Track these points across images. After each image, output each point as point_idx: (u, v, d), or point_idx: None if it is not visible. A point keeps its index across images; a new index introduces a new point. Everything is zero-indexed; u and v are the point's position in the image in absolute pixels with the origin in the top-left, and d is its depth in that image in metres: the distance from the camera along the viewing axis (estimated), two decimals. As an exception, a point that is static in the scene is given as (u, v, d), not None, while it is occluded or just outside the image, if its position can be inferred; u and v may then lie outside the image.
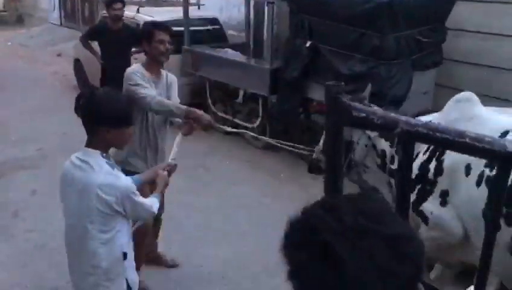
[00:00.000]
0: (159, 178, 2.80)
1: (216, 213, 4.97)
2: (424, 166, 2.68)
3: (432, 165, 2.65)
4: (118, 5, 6.19)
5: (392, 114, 1.24)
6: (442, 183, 2.61)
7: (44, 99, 8.31)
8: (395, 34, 5.09)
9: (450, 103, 2.80)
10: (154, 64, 3.57)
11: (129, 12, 7.78)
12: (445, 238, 2.64)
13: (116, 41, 6.19)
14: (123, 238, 2.51)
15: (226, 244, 4.45)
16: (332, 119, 1.30)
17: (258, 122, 6.69)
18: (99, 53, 6.56)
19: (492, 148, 1.06)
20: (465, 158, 2.39)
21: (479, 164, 2.46)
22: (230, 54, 7.20)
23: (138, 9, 7.96)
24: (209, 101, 7.46)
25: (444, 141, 1.12)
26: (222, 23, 8.63)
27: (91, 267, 2.46)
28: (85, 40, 6.76)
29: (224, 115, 7.29)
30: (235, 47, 7.55)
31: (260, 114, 6.63)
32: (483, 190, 2.33)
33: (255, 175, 5.99)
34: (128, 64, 6.33)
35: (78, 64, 8.91)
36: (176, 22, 7.60)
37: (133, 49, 6.39)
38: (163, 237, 4.22)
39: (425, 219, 2.69)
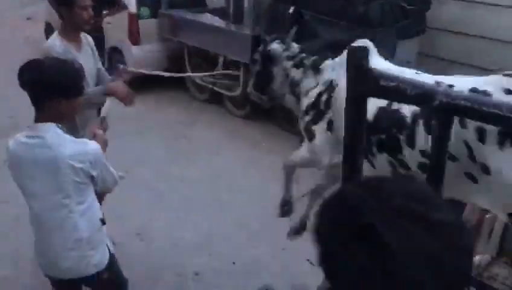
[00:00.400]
0: (97, 138, 2.56)
1: (198, 184, 4.89)
2: (319, 96, 3.04)
3: (324, 97, 3.00)
4: None
5: (428, 84, 1.13)
6: (330, 115, 2.98)
7: (11, 63, 7.94)
8: (380, 1, 4.99)
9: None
10: (75, 33, 3.20)
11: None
12: (315, 159, 3.10)
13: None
14: (96, 204, 2.46)
15: (208, 215, 4.40)
16: (356, 89, 1.16)
17: (238, 91, 6.55)
18: None
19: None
20: None
21: None
22: (209, 18, 6.97)
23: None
24: (188, 68, 7.27)
25: (491, 115, 1.02)
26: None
27: (73, 241, 2.37)
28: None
29: (202, 83, 7.12)
30: (214, 12, 7.31)
31: (241, 82, 6.49)
32: None
33: (236, 145, 5.90)
34: (99, 26, 6.25)
35: (49, 28, 8.54)
36: (153, -15, 7.36)
37: (104, 12, 6.18)
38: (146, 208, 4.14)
39: (311, 136, 3.10)
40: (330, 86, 2.98)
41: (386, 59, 2.96)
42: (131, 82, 7.35)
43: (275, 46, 3.54)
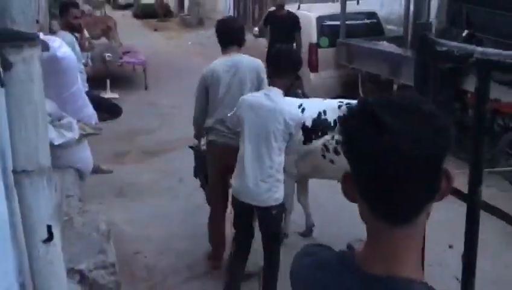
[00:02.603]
0: None
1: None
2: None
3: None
4: None
5: (468, 46, 1.35)
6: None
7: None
8: None
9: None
10: None
11: (291, 9, 8.34)
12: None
13: (281, 26, 7.10)
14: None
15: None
16: (421, 53, 1.47)
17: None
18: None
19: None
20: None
21: None
22: (385, 46, 7.25)
23: (299, 5, 8.45)
24: (361, 93, 7.59)
25: None
26: (382, 18, 8.67)
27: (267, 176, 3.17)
28: (263, 26, 8.03)
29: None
30: (391, 40, 7.56)
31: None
32: None
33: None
34: (291, 45, 7.12)
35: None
36: (334, 17, 7.96)
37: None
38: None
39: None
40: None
41: None
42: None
43: None
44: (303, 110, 3.94)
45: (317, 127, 3.91)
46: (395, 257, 0.94)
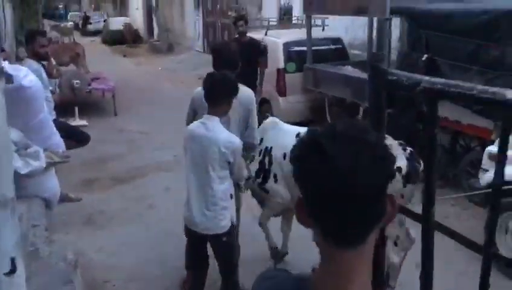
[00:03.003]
0: None
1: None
2: (262, 161, 3.97)
3: (266, 160, 3.95)
4: (240, 22, 7.32)
5: (417, 76, 1.45)
6: (273, 169, 3.93)
7: (183, 113, 9.38)
8: (517, 44, 4.92)
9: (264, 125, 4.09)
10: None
11: (259, 35, 8.52)
12: (281, 201, 3.98)
13: (244, 52, 7.08)
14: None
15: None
16: (373, 82, 1.57)
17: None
18: None
19: (494, 97, 1.24)
20: (281, 150, 3.82)
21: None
22: (349, 70, 7.46)
23: (266, 32, 8.63)
24: (328, 117, 7.76)
25: (458, 94, 1.32)
26: (347, 43, 8.94)
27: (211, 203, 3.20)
28: None
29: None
30: (355, 64, 7.79)
31: (376, 128, 6.72)
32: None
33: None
34: (255, 72, 7.25)
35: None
36: (300, 42, 8.17)
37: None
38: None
39: (267, 192, 4.02)
40: (266, 151, 3.96)
41: None
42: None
43: None
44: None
45: None
46: (346, 277, 1.00)
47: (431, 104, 1.39)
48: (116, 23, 25.74)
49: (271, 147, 3.95)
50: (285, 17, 12.29)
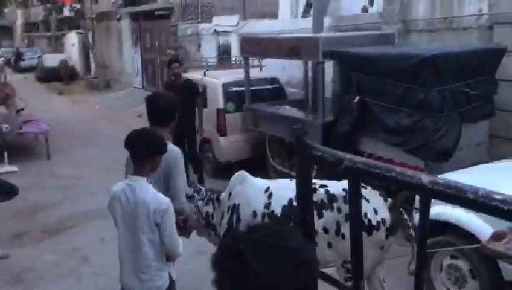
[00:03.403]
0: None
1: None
2: (230, 219, 3.71)
3: (234, 218, 3.68)
4: (175, 65, 7.41)
5: (340, 153, 1.48)
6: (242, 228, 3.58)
7: (121, 156, 9.13)
8: (439, 88, 5.19)
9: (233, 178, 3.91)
10: None
11: (198, 75, 8.54)
12: None
13: (180, 94, 7.08)
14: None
15: None
16: (299, 156, 1.58)
17: (314, 174, 6.89)
18: None
19: (411, 180, 1.28)
20: (250, 208, 3.62)
21: (260, 210, 3.61)
22: (287, 110, 7.59)
23: (205, 72, 8.67)
24: (269, 155, 7.82)
25: (377, 174, 1.35)
26: (284, 82, 9.13)
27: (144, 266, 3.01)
28: None
29: (282, 169, 7.59)
30: (292, 103, 7.96)
31: (315, 167, 6.84)
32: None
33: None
34: (193, 113, 7.26)
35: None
36: (239, 83, 8.25)
37: None
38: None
39: None
40: (234, 208, 3.72)
41: None
42: (219, 168, 8.02)
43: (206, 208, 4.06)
44: (270, 195, 3.64)
45: (289, 216, 3.42)
46: None
47: (354, 183, 1.41)
48: (52, 59, 25.03)
49: (239, 204, 3.70)
50: (224, 56, 12.42)
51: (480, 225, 3.68)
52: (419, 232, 1.38)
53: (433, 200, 1.29)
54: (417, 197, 4.75)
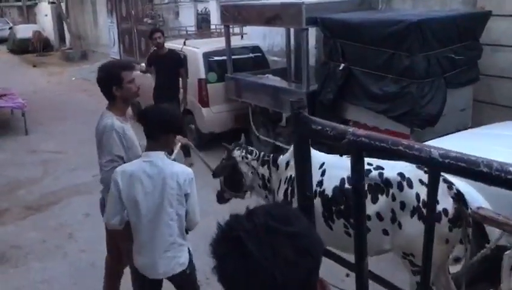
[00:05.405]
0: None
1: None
2: (286, 191, 3.55)
3: (289, 191, 3.51)
4: (157, 34, 7.30)
5: (342, 126, 1.41)
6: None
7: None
8: (425, 53, 5.14)
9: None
10: (125, 107, 3.42)
11: (177, 45, 8.31)
12: None
13: (164, 64, 6.99)
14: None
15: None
16: (297, 131, 1.50)
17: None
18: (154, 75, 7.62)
19: (420, 154, 1.22)
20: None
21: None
22: (270, 79, 7.48)
23: (185, 42, 8.44)
24: (252, 125, 7.73)
25: (382, 148, 1.29)
26: (266, 50, 8.96)
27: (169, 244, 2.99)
28: (147, 66, 7.71)
29: (267, 139, 7.53)
30: (275, 72, 7.83)
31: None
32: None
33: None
34: (176, 84, 7.23)
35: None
36: (220, 52, 8.07)
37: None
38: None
39: None
40: (290, 180, 3.53)
41: None
42: (202, 139, 7.95)
43: (237, 153, 4.03)
44: (323, 172, 3.35)
45: (340, 199, 3.21)
46: None
47: (357, 156, 1.35)
48: (24, 30, 24.16)
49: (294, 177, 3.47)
50: (203, 25, 12.11)
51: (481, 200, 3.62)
52: (427, 209, 1.33)
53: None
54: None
